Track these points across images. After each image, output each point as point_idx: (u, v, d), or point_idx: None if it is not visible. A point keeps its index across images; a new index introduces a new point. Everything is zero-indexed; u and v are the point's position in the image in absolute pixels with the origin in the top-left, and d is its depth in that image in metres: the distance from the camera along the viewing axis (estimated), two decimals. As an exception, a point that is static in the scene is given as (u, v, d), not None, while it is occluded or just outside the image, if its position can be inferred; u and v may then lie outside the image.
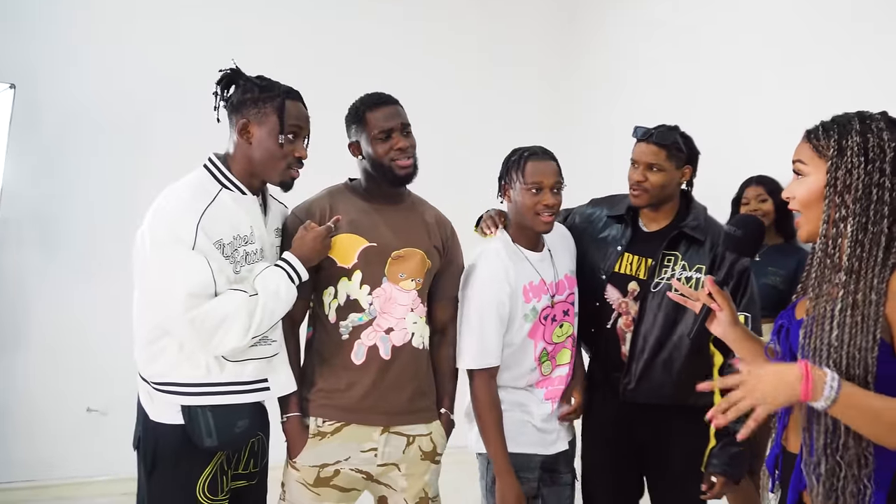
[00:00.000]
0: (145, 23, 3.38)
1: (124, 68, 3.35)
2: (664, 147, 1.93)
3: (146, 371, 1.62)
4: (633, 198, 1.98)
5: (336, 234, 1.78)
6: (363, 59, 3.70)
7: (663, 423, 1.96)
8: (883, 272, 1.13)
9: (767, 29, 2.88)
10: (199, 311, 1.51)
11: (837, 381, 1.08)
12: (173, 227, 1.53)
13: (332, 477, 1.78)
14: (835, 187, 1.17)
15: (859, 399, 1.09)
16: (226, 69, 1.67)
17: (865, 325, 1.13)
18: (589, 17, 4.08)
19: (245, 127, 1.63)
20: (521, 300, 1.87)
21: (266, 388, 1.67)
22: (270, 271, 1.64)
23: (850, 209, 1.15)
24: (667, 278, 1.92)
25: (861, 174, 1.15)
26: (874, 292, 1.12)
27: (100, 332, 3.16)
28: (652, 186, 1.94)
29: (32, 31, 3.19)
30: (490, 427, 1.84)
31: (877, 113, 1.20)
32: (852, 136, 1.17)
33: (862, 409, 1.09)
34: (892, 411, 1.08)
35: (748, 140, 2.93)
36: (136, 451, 1.66)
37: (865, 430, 1.11)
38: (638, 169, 1.95)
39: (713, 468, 1.86)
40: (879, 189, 1.14)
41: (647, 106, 3.52)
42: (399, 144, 1.78)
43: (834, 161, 1.17)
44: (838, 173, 1.17)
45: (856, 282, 1.14)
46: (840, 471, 1.15)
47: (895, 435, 1.08)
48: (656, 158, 1.93)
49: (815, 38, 2.65)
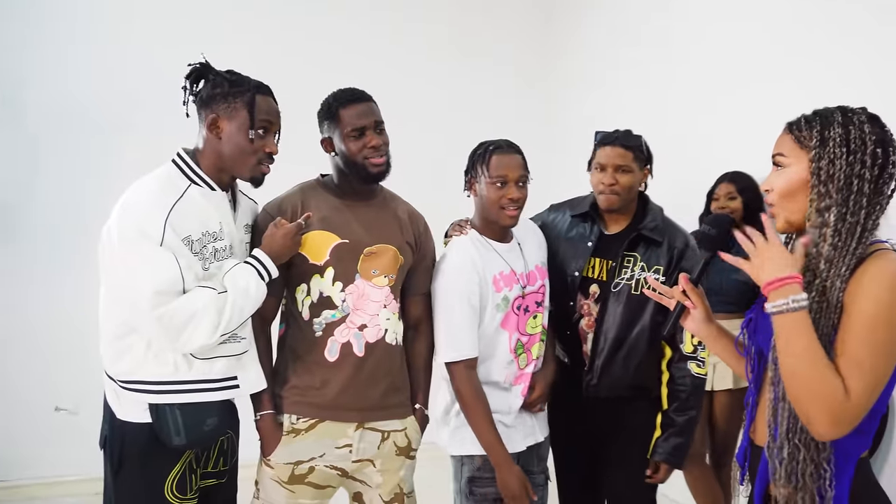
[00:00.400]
0: (119, 20, 3.33)
1: (93, 64, 3.29)
2: (630, 149, 1.99)
3: (112, 369, 1.59)
4: (606, 200, 2.00)
5: (308, 231, 1.77)
6: (339, 56, 3.67)
7: (619, 415, 2.03)
8: (850, 261, 1.15)
9: (743, 27, 2.90)
10: (166, 308, 1.49)
11: (804, 304, 1.13)
12: (141, 222, 1.50)
13: (307, 474, 1.77)
14: (819, 177, 1.19)
15: (808, 329, 1.13)
16: (195, 63, 1.65)
17: (828, 311, 1.16)
18: (566, 16, 4.09)
19: (214, 122, 1.61)
20: (492, 289, 1.86)
21: (235, 386, 1.65)
22: (240, 268, 1.62)
23: (834, 199, 1.17)
24: (626, 279, 1.99)
25: (843, 164, 1.17)
26: (840, 279, 1.15)
27: (67, 329, 3.11)
28: (622, 188, 1.98)
29: (2, 29, 3.13)
30: (479, 418, 1.82)
31: (858, 108, 1.22)
32: (834, 127, 1.18)
33: (802, 338, 1.12)
34: (821, 361, 1.11)
35: (723, 137, 2.96)
36: (102, 451, 1.63)
37: (789, 361, 1.14)
38: (607, 172, 1.98)
39: (658, 456, 1.99)
40: (859, 180, 1.16)
41: (623, 104, 3.56)
42: (372, 142, 1.77)
43: (817, 151, 1.19)
44: (821, 164, 1.18)
45: (828, 269, 1.17)
46: (799, 453, 1.17)
47: (805, 382, 1.11)
48: (624, 160, 1.98)
49: (790, 36, 2.67)
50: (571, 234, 2.08)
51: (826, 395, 1.10)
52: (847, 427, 1.11)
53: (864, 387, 1.11)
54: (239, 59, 1.93)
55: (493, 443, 1.81)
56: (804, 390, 1.13)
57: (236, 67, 1.69)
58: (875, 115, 1.22)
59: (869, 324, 1.11)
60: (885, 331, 1.11)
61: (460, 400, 1.85)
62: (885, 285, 1.12)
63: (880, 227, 1.19)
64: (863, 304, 1.12)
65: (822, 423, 1.11)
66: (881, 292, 1.11)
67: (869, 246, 1.17)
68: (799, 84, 2.60)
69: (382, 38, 3.83)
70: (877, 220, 1.18)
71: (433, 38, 3.97)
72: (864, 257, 1.16)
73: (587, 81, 3.89)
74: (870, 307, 1.11)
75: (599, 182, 2.00)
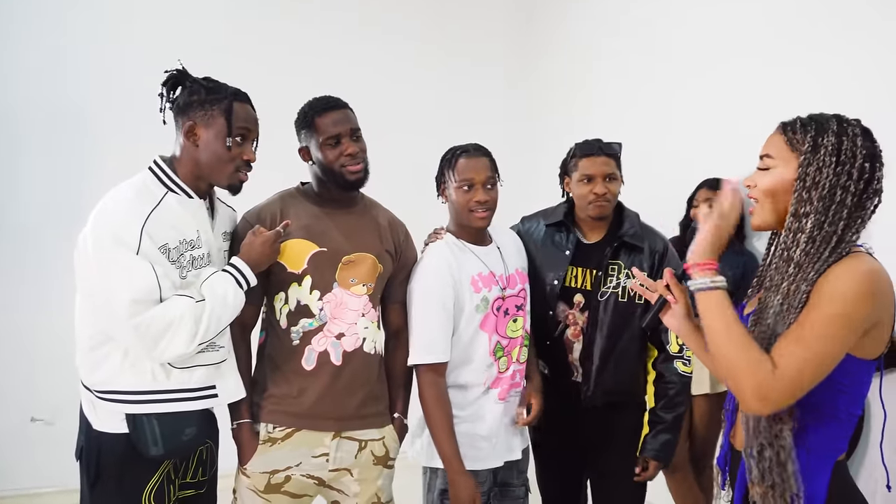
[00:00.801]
0: (102, 21, 3.31)
1: (67, 68, 3.26)
2: (613, 157, 2.03)
3: (89, 379, 1.58)
4: (598, 209, 2.01)
5: (287, 240, 1.77)
6: (317, 61, 3.67)
7: (608, 422, 2.04)
8: (820, 267, 1.17)
9: (726, 25, 2.92)
10: (143, 317, 1.48)
11: (720, 284, 1.21)
12: (117, 230, 1.49)
13: (283, 483, 1.77)
14: (804, 182, 1.20)
15: (728, 308, 1.19)
16: (172, 70, 1.64)
17: (789, 311, 1.17)
18: (547, 16, 4.10)
19: (192, 129, 1.60)
20: (470, 290, 1.86)
21: (214, 395, 1.64)
22: (218, 276, 1.62)
23: (814, 206, 1.18)
24: (612, 287, 2.01)
25: (830, 174, 1.18)
26: (805, 283, 1.17)
27: (44, 338, 3.07)
28: (613, 196, 2.02)
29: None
30: (439, 425, 1.81)
31: (853, 119, 1.24)
32: (828, 135, 1.19)
33: (722, 314, 1.18)
34: (740, 337, 1.16)
35: (706, 137, 2.97)
36: (78, 462, 1.61)
37: (712, 337, 1.20)
38: (597, 182, 2.00)
39: (647, 453, 2.01)
40: (843, 191, 1.17)
41: (606, 103, 3.57)
42: (349, 150, 1.77)
43: (807, 156, 1.20)
44: (809, 169, 1.19)
45: (796, 274, 1.19)
46: (765, 451, 1.20)
47: (728, 357, 1.16)
48: (611, 168, 2.01)
49: (775, 34, 2.69)
50: (547, 244, 2.09)
51: (749, 366, 1.13)
52: (775, 402, 1.13)
53: (796, 363, 1.12)
54: (217, 65, 1.92)
55: (450, 452, 1.80)
56: (728, 362, 1.16)
57: (214, 74, 1.68)
58: (868, 128, 1.23)
59: (822, 314, 1.13)
60: (835, 322, 1.12)
61: (423, 404, 1.83)
62: (853, 280, 1.13)
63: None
64: (822, 298, 1.14)
65: (748, 395, 1.14)
66: (842, 288, 1.13)
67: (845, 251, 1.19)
68: (782, 86, 2.62)
69: (362, 43, 3.83)
70: (856, 234, 1.19)
71: (414, 43, 3.97)
72: (836, 261, 1.17)
73: (570, 80, 3.89)
74: (827, 301, 1.13)
75: (590, 192, 2.01)
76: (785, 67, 2.64)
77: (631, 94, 3.43)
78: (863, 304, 1.13)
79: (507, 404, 1.92)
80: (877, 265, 1.17)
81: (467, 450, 1.84)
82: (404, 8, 3.97)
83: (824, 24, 2.52)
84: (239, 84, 1.69)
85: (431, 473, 1.89)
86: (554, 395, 2.05)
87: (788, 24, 2.66)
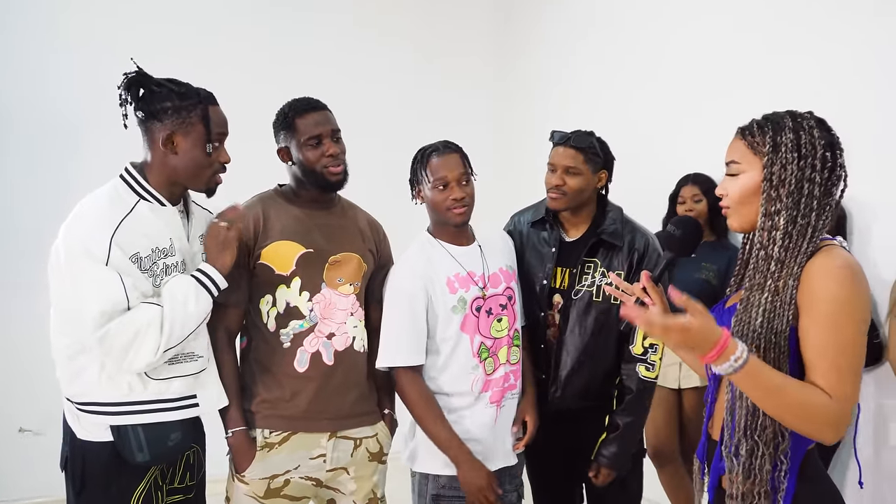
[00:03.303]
0: (76, 27, 3.28)
1: (49, 75, 3.23)
2: (581, 150, 1.95)
3: (68, 391, 1.56)
4: (552, 201, 1.98)
5: (272, 242, 1.75)
6: (293, 63, 3.64)
7: (588, 426, 2.00)
8: (802, 259, 1.19)
9: (705, 25, 2.94)
10: (108, 328, 1.46)
11: (745, 357, 1.12)
12: (85, 241, 1.47)
13: (283, 487, 1.77)
14: (771, 182, 1.22)
15: (761, 373, 1.14)
16: (130, 72, 1.57)
17: (782, 309, 1.19)
18: (525, 16, 4.11)
19: (169, 137, 1.56)
20: (445, 291, 1.83)
21: (195, 405, 1.62)
22: (177, 281, 1.57)
23: (784, 203, 1.20)
24: (587, 285, 1.96)
25: (794, 169, 1.20)
26: (792, 278, 1.19)
27: (30, 348, 3.02)
28: (570, 190, 1.95)
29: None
30: (429, 421, 1.78)
31: (805, 112, 1.25)
32: (786, 132, 1.21)
33: (761, 382, 1.13)
34: (791, 388, 1.14)
35: (684, 136, 2.99)
36: (63, 472, 1.59)
37: (764, 403, 1.16)
38: (556, 173, 1.96)
39: (598, 460, 1.95)
40: (810, 184, 1.19)
41: (585, 101, 3.58)
42: (330, 151, 1.77)
43: (770, 157, 1.22)
44: (774, 168, 1.21)
45: (780, 270, 1.20)
46: (758, 450, 1.20)
47: (790, 411, 1.14)
48: (574, 162, 1.94)
49: (754, 34, 2.71)
50: (533, 241, 2.06)
51: (814, 411, 1.13)
52: (846, 425, 1.15)
53: (846, 385, 1.14)
54: (185, 68, 1.86)
55: (450, 440, 1.77)
56: (795, 418, 1.15)
57: (182, 75, 1.64)
58: (822, 118, 1.25)
59: (833, 324, 1.14)
60: (848, 326, 1.14)
61: (408, 404, 1.81)
62: (837, 282, 1.15)
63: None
64: (821, 307, 1.15)
65: (826, 435, 1.14)
66: (835, 290, 1.14)
67: (819, 242, 1.21)
68: (761, 82, 2.65)
69: (337, 44, 3.82)
70: (827, 220, 1.22)
71: (390, 43, 3.96)
72: (812, 253, 1.20)
73: (547, 80, 3.90)
74: (829, 308, 1.14)
75: (548, 182, 1.98)
76: (760, 62, 2.67)
77: (611, 91, 3.43)
78: (858, 303, 1.15)
79: (503, 408, 1.87)
80: (851, 258, 1.20)
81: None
82: (382, 9, 3.95)
83: (798, 17, 2.54)
84: (216, 88, 1.66)
85: (421, 478, 1.87)
86: (545, 399, 2.00)
87: (761, 18, 2.68)
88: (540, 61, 3.97)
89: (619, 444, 1.94)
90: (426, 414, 1.79)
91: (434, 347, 1.84)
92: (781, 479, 1.19)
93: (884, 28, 2.29)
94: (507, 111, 4.18)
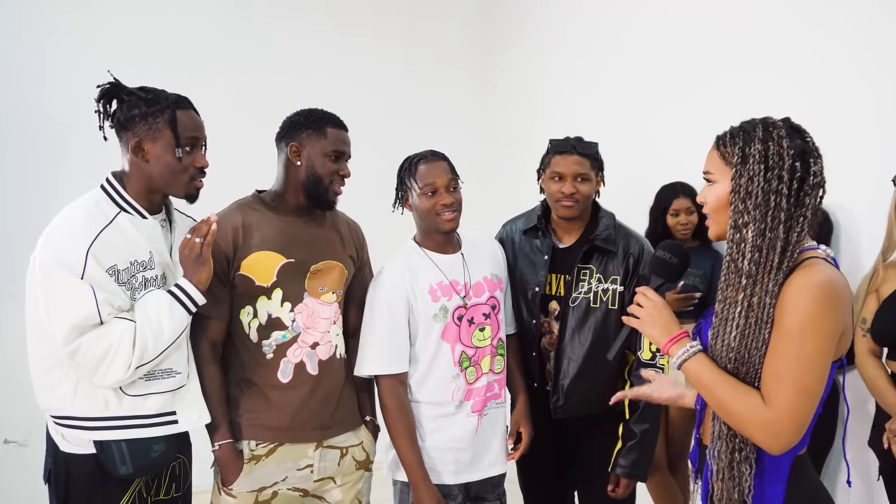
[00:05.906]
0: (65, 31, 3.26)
1: (33, 80, 3.20)
2: (587, 157, 1.97)
3: (44, 404, 1.55)
4: (566, 209, 1.97)
5: (252, 252, 1.74)
6: (277, 72, 3.63)
7: (586, 431, 2.00)
8: (777, 276, 1.18)
9: (687, 29, 2.95)
10: (80, 342, 1.45)
11: (692, 352, 1.25)
12: (62, 253, 1.46)
13: (271, 499, 1.77)
14: (738, 194, 1.21)
15: (712, 367, 1.23)
16: (104, 84, 1.57)
17: (758, 326, 1.18)
18: (507, 23, 4.11)
19: (138, 145, 1.55)
20: (427, 300, 1.84)
21: (174, 422, 1.59)
22: (152, 296, 1.55)
23: (752, 215, 1.19)
24: (584, 292, 1.96)
25: (761, 181, 1.18)
26: (768, 296, 1.17)
27: (15, 358, 2.98)
28: (582, 197, 1.96)
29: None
30: (400, 434, 1.80)
31: (779, 119, 1.25)
32: (755, 143, 1.20)
33: (706, 375, 1.22)
34: (728, 385, 1.19)
35: (668, 142, 3.00)
36: (47, 485, 1.58)
37: (708, 399, 1.24)
38: (567, 181, 1.95)
39: (617, 470, 1.94)
40: (777, 196, 1.17)
41: (571, 105, 3.58)
42: (342, 171, 1.80)
43: (738, 169, 1.21)
44: (741, 180, 1.20)
45: (753, 285, 1.19)
46: (739, 454, 1.22)
47: (723, 409, 1.20)
48: (583, 168, 1.96)
49: (735, 39, 2.72)
50: (525, 250, 2.06)
51: (748, 412, 1.15)
52: (788, 437, 1.14)
53: (784, 395, 1.14)
54: (168, 77, 1.85)
55: (412, 461, 1.78)
56: (730, 415, 1.18)
57: (164, 84, 1.63)
58: (796, 125, 1.24)
59: (795, 336, 1.14)
60: (810, 340, 1.13)
61: (384, 413, 1.82)
62: (811, 297, 1.14)
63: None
64: (789, 319, 1.15)
65: (761, 440, 1.15)
66: (806, 305, 1.14)
67: (799, 255, 1.20)
68: (745, 85, 2.65)
69: (320, 52, 3.81)
70: (802, 232, 1.20)
71: (374, 51, 3.95)
72: (793, 268, 1.18)
73: (530, 84, 3.89)
74: (794, 319, 1.14)
75: (558, 191, 1.96)
76: (745, 67, 2.68)
77: (596, 94, 3.43)
78: (828, 320, 1.14)
79: (486, 417, 1.88)
80: (830, 273, 1.17)
81: (437, 464, 1.83)
82: (365, 18, 3.95)
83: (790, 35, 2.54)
84: (200, 96, 1.65)
85: (403, 486, 1.87)
86: (535, 407, 2.00)
87: (740, 19, 2.70)
88: (522, 68, 3.96)
89: (638, 452, 1.92)
90: (398, 428, 1.80)
91: (415, 356, 1.85)
92: (762, 484, 1.20)
93: (860, 31, 2.30)
94: (490, 117, 4.17)
